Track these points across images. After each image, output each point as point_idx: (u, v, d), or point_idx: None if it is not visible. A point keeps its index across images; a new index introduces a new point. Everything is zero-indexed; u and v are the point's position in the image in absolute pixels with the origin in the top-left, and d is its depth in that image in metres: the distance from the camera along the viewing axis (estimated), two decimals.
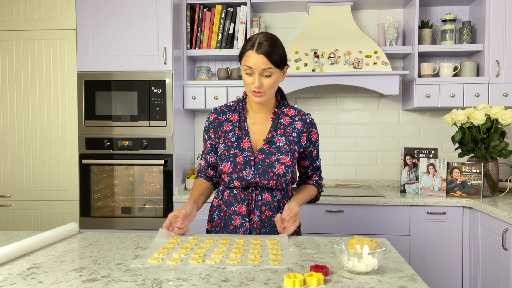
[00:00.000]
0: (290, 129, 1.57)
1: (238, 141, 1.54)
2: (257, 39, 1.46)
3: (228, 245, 1.29)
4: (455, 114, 2.54)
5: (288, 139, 1.56)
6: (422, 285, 0.99)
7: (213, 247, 1.28)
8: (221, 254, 1.20)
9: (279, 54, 1.46)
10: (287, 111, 1.60)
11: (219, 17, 2.89)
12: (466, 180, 2.48)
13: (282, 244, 1.31)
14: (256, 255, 1.18)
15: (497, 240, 2.10)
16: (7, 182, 2.73)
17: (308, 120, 1.60)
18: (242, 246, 1.28)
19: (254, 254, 1.19)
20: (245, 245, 1.29)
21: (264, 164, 1.50)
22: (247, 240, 1.36)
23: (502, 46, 2.67)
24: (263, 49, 1.43)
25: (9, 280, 1.02)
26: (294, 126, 1.58)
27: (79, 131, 2.68)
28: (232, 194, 1.56)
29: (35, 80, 2.70)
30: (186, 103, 2.87)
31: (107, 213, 2.69)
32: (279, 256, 1.18)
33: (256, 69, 1.45)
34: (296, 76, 2.70)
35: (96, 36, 2.67)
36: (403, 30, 3.00)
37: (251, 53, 1.45)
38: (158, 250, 1.25)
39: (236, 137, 1.55)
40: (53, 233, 1.39)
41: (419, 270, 2.47)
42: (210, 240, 1.35)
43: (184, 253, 1.21)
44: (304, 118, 1.60)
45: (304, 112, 1.62)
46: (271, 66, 1.45)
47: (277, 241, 1.34)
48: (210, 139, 1.61)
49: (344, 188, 2.87)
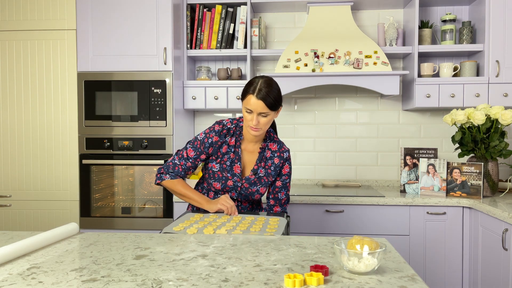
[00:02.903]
0: (270, 163, 1.83)
1: (231, 165, 1.80)
2: (257, 85, 1.68)
3: (238, 221, 1.60)
4: (455, 114, 2.54)
5: (267, 172, 1.83)
6: (422, 285, 0.99)
7: (225, 222, 1.58)
8: (230, 227, 1.50)
9: (274, 99, 1.68)
10: (271, 145, 1.85)
11: (219, 17, 2.89)
12: (466, 180, 2.48)
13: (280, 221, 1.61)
14: (257, 228, 1.48)
15: (497, 240, 2.10)
16: (7, 182, 2.73)
17: (285, 156, 1.86)
18: (248, 222, 1.58)
19: (255, 228, 1.49)
20: (251, 222, 1.60)
21: (247, 192, 1.81)
22: (254, 218, 1.66)
23: (502, 46, 2.67)
24: (261, 95, 1.66)
25: (9, 280, 1.02)
26: (273, 162, 1.84)
27: (79, 131, 2.68)
28: (216, 196, 1.85)
29: (35, 80, 2.70)
30: (186, 103, 2.87)
31: (107, 213, 2.69)
32: (273, 231, 1.46)
33: (255, 111, 1.68)
34: (296, 76, 2.70)
35: (96, 36, 2.67)
36: (403, 30, 3.00)
37: (252, 97, 1.67)
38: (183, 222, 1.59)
39: (231, 161, 1.80)
40: (53, 233, 1.39)
41: (419, 270, 2.47)
42: (225, 217, 1.66)
43: (202, 225, 1.53)
44: (282, 155, 1.85)
45: (284, 149, 1.86)
46: (267, 111, 1.68)
47: (278, 220, 1.63)
48: (207, 154, 1.81)
49: (344, 188, 2.87)
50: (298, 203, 2.52)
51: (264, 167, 1.82)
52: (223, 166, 1.79)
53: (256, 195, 1.81)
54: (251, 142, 1.83)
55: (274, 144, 1.85)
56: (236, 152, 1.80)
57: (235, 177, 1.78)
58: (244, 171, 1.83)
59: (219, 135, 1.79)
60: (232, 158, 1.79)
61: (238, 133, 1.82)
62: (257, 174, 1.81)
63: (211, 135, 1.79)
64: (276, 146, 1.85)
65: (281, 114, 3.16)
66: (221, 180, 1.79)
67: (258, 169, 1.81)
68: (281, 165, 1.84)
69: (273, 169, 1.83)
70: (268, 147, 1.84)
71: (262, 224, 1.55)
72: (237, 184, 1.79)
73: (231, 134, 1.81)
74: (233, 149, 1.80)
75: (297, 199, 2.50)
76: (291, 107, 3.16)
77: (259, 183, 1.80)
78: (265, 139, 1.86)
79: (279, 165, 1.83)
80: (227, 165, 1.79)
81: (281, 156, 1.84)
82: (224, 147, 1.79)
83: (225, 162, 1.79)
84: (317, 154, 3.15)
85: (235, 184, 1.79)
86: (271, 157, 1.83)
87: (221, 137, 1.79)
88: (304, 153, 3.15)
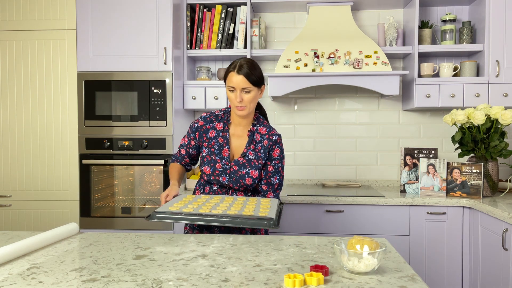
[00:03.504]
0: (260, 146, 1.83)
1: (220, 149, 1.81)
2: (238, 63, 1.73)
3: (231, 202, 1.62)
4: (455, 114, 2.54)
5: (257, 155, 1.82)
6: (422, 285, 0.99)
7: (218, 203, 1.60)
8: (224, 208, 1.52)
9: (256, 75, 1.73)
10: (260, 129, 1.85)
11: (219, 17, 2.89)
12: (466, 180, 2.48)
13: (272, 203, 1.64)
14: (250, 209, 1.51)
15: (497, 240, 2.10)
16: (7, 182, 2.73)
17: (274, 139, 1.84)
18: (241, 203, 1.61)
19: (248, 208, 1.51)
20: (243, 203, 1.62)
21: (236, 174, 1.79)
22: (246, 199, 1.69)
23: (502, 46, 2.67)
24: (243, 71, 1.71)
25: (9, 280, 1.02)
26: (263, 144, 1.83)
27: (79, 131, 2.68)
28: (211, 189, 1.86)
29: (35, 80, 2.70)
30: (186, 103, 2.87)
31: (107, 213, 2.69)
32: (267, 211, 1.50)
33: (237, 88, 1.71)
34: (296, 76, 2.70)
35: (96, 36, 2.67)
36: (403, 30, 3.00)
37: (233, 74, 1.72)
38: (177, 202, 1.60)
39: (219, 145, 1.82)
40: (53, 233, 1.39)
41: (419, 270, 2.47)
42: (218, 198, 1.70)
43: (196, 205, 1.54)
44: (271, 138, 1.84)
45: (274, 132, 1.86)
46: (249, 85, 1.71)
47: (269, 201, 1.67)
48: (195, 139, 1.87)
49: (344, 188, 2.87)
50: (298, 203, 2.52)
51: (254, 149, 1.82)
52: (211, 150, 1.82)
53: (247, 178, 1.78)
54: (239, 126, 1.84)
55: (263, 128, 1.86)
56: (224, 136, 1.82)
57: (224, 160, 1.80)
58: (233, 153, 1.84)
59: (205, 120, 1.85)
60: (220, 142, 1.82)
61: (226, 119, 1.86)
62: (247, 157, 1.81)
63: (197, 120, 1.86)
64: (265, 130, 1.85)
65: (281, 114, 3.16)
66: (210, 163, 1.80)
67: (247, 152, 1.82)
68: (270, 147, 1.83)
69: (263, 152, 1.82)
70: (257, 131, 1.85)
71: (254, 205, 1.58)
72: (226, 167, 1.79)
73: (218, 119, 1.85)
74: (221, 134, 1.83)
75: (297, 199, 2.50)
76: (291, 107, 3.16)
77: (249, 166, 1.79)
78: (254, 123, 1.87)
79: (268, 147, 1.83)
80: (215, 149, 1.81)
81: (270, 138, 1.84)
82: (211, 131, 1.83)
83: (213, 146, 1.82)
84: (317, 154, 3.15)
85: (224, 167, 1.79)
86: (261, 140, 1.83)
87: (207, 122, 1.84)
88: (304, 153, 3.15)
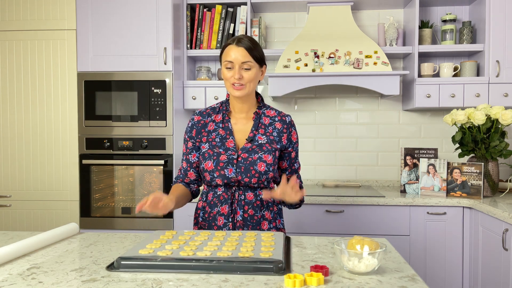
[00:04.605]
0: (271, 129, 1.61)
1: (222, 141, 1.58)
2: (237, 37, 1.54)
3: (222, 239, 1.28)
4: (455, 114, 2.54)
5: (269, 138, 1.59)
6: (422, 285, 0.99)
7: (206, 241, 1.27)
8: (213, 248, 1.19)
9: (258, 51, 1.54)
10: (268, 112, 1.64)
11: (219, 17, 2.89)
12: (466, 180, 2.48)
13: (276, 237, 1.30)
14: (248, 248, 1.17)
15: (497, 240, 2.10)
16: (7, 182, 2.73)
17: (288, 121, 1.64)
18: (236, 239, 1.27)
19: (246, 247, 1.18)
20: (239, 239, 1.28)
21: (246, 162, 1.53)
22: (242, 234, 1.35)
23: (502, 46, 2.67)
24: (243, 43, 1.51)
25: (9, 280, 1.02)
26: (275, 126, 1.62)
27: (79, 131, 2.68)
28: (216, 195, 1.58)
29: (35, 80, 2.70)
30: (186, 103, 2.87)
31: (107, 213, 2.68)
32: (271, 250, 1.16)
33: (236, 62, 1.50)
34: (296, 76, 2.70)
35: (96, 36, 2.67)
36: (403, 30, 3.00)
37: (232, 47, 1.52)
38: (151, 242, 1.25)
39: (220, 137, 1.59)
40: (53, 233, 1.39)
41: (419, 270, 2.47)
42: (205, 234, 1.34)
43: (176, 246, 1.20)
44: (284, 119, 1.64)
45: (284, 114, 1.66)
46: (250, 60, 1.51)
47: (272, 235, 1.33)
48: (192, 138, 1.63)
49: (344, 188, 2.87)
50: None
51: (265, 134, 1.60)
52: (212, 143, 1.58)
53: (259, 163, 1.53)
54: (242, 113, 1.62)
55: (271, 110, 1.65)
56: (226, 127, 1.60)
57: (229, 151, 1.55)
58: (240, 144, 1.59)
59: (201, 114, 1.65)
60: (222, 134, 1.59)
61: (225, 109, 1.63)
62: (256, 142, 1.58)
63: (193, 117, 1.66)
64: (274, 112, 1.64)
65: None
66: (212, 157, 1.55)
67: (255, 136, 1.58)
68: (285, 131, 1.62)
69: (277, 135, 1.60)
70: (265, 114, 1.63)
71: (254, 241, 1.25)
72: (232, 157, 1.54)
73: (216, 111, 1.64)
74: (221, 125, 1.61)
75: None
76: (291, 107, 3.16)
77: (260, 151, 1.55)
78: (260, 106, 1.65)
79: (283, 131, 1.61)
80: (217, 142, 1.58)
81: (283, 120, 1.63)
82: (210, 124, 1.62)
83: (213, 139, 1.59)
84: (317, 154, 3.14)
85: (229, 157, 1.54)
86: (271, 122, 1.62)
87: (204, 116, 1.64)
88: (304, 153, 3.14)
